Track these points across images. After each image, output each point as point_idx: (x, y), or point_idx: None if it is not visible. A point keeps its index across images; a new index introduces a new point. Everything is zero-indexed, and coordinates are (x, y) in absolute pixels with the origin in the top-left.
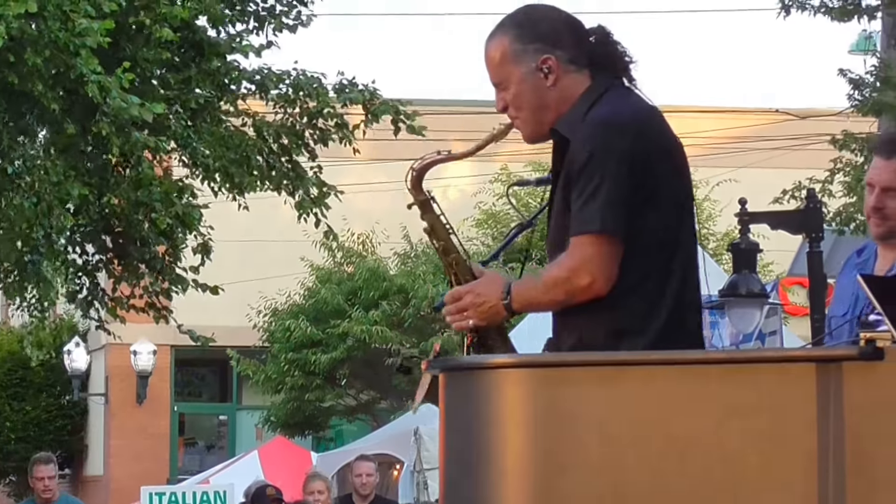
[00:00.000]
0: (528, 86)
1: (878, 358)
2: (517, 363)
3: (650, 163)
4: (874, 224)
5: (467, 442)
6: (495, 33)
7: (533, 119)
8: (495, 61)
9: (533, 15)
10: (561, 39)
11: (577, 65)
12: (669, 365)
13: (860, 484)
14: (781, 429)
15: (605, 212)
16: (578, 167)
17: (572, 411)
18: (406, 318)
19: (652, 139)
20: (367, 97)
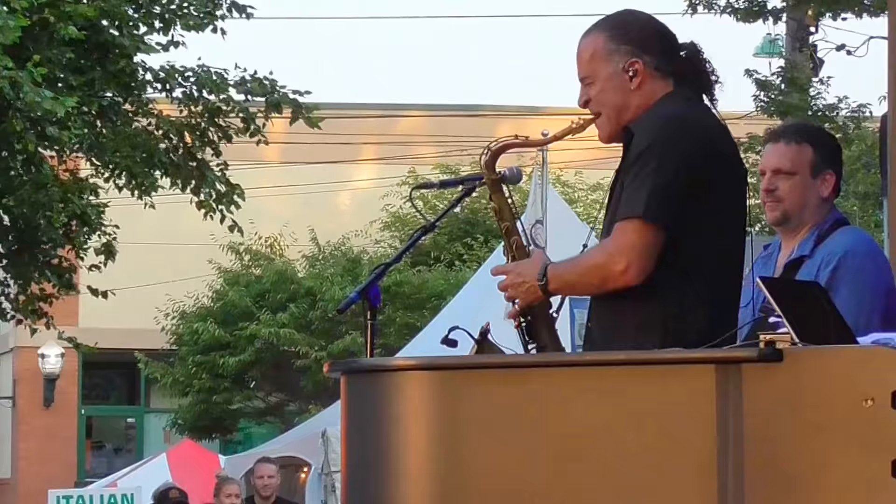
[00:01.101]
0: (612, 84)
1: (778, 360)
2: (418, 365)
3: (707, 165)
4: (769, 209)
5: (369, 443)
6: (591, 30)
7: (614, 117)
8: (585, 57)
9: (629, 18)
10: (651, 46)
11: (662, 72)
12: (569, 366)
13: (759, 486)
14: (681, 430)
15: (652, 199)
16: (636, 154)
17: (473, 412)
18: (314, 321)
19: (713, 144)
20: (268, 89)
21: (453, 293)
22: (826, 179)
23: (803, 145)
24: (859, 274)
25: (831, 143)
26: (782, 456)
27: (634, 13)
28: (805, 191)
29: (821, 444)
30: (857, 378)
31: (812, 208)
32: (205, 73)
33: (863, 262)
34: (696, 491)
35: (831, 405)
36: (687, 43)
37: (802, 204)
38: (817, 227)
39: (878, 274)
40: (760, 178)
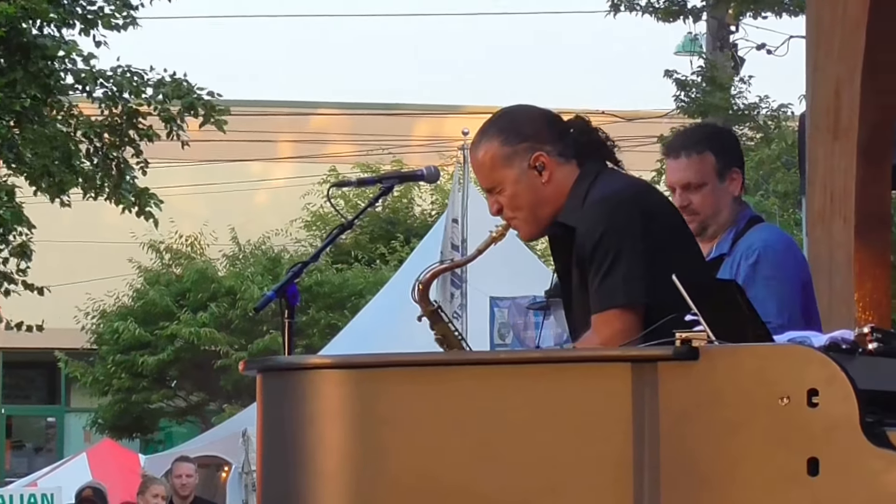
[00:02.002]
0: (523, 186)
1: (693, 358)
2: (334, 363)
3: (656, 229)
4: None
5: (285, 442)
6: (481, 141)
7: (532, 217)
8: (486, 167)
9: (514, 116)
10: (547, 135)
11: (565, 157)
12: (485, 365)
13: (675, 483)
14: (597, 428)
15: (626, 284)
16: (592, 246)
17: (389, 410)
18: (234, 320)
19: (656, 207)
20: (184, 91)
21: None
22: (733, 178)
23: (704, 154)
24: (778, 268)
25: (728, 139)
26: (698, 453)
27: (518, 108)
28: (717, 197)
29: (737, 441)
30: (772, 376)
31: (727, 211)
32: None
33: (781, 257)
34: (612, 488)
35: (747, 403)
36: (573, 119)
37: (717, 210)
38: (734, 226)
39: (795, 267)
40: (672, 194)
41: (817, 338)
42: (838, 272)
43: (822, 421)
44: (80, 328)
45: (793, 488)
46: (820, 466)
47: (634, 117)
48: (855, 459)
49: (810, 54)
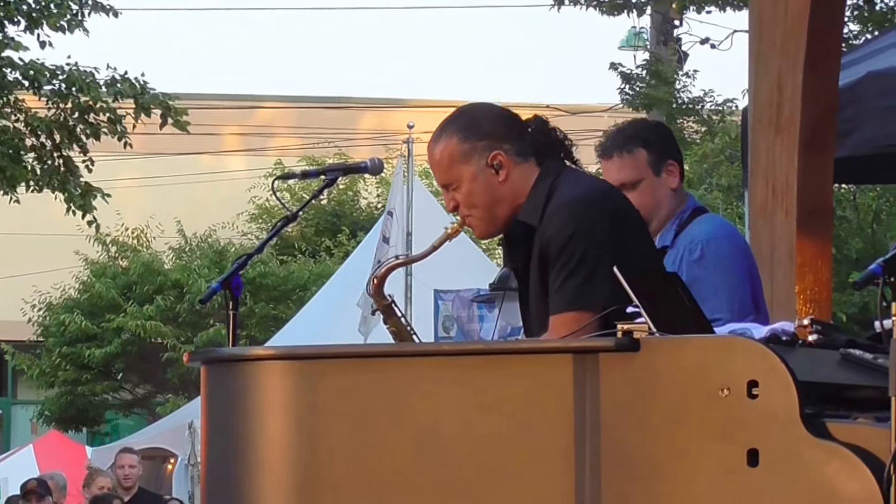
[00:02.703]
0: (480, 184)
1: (635, 350)
2: (277, 354)
3: (621, 229)
4: None
5: (229, 433)
6: (440, 137)
7: (487, 215)
8: (444, 164)
9: (474, 114)
10: (505, 133)
11: (523, 156)
12: (427, 356)
13: (615, 473)
14: (539, 419)
15: (587, 289)
16: (559, 248)
17: (332, 402)
18: (181, 313)
19: (622, 211)
20: (138, 91)
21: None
22: (670, 171)
23: (636, 151)
24: (725, 259)
25: (660, 132)
26: (639, 444)
27: (477, 106)
28: (655, 191)
29: (677, 432)
30: (713, 368)
31: (667, 203)
32: (75, 71)
33: (724, 248)
34: (554, 478)
35: (687, 394)
36: (532, 118)
37: (656, 204)
38: (676, 217)
39: (741, 257)
40: None
41: (758, 330)
42: (780, 265)
43: (761, 412)
44: (26, 320)
45: (733, 479)
46: (760, 458)
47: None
48: (794, 451)
49: (753, 48)
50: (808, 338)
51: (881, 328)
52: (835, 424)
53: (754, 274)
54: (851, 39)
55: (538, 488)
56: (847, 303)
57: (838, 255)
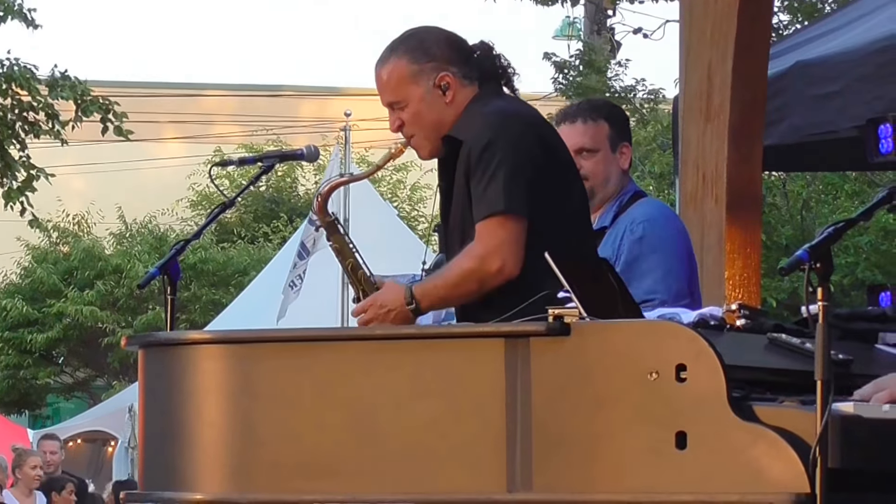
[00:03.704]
0: (426, 104)
1: (565, 334)
2: (213, 339)
3: (543, 152)
4: None
5: (165, 416)
6: (389, 56)
7: (433, 135)
8: (392, 83)
9: (422, 36)
10: (452, 56)
11: (469, 79)
12: (361, 340)
13: (547, 455)
14: (471, 401)
15: (507, 192)
16: (477, 154)
17: (267, 385)
18: (121, 298)
19: (544, 130)
20: (79, 93)
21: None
22: (623, 152)
23: (600, 122)
24: (665, 241)
25: (622, 116)
26: (569, 426)
27: (426, 29)
28: (607, 165)
29: (607, 415)
30: (642, 352)
31: (614, 181)
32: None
33: (665, 230)
34: (486, 460)
35: (617, 378)
36: (478, 43)
37: (606, 178)
38: (617, 198)
39: (680, 240)
40: None
41: (686, 315)
42: (710, 251)
43: (689, 395)
44: None
45: (661, 461)
46: (688, 440)
47: None
48: (722, 433)
49: (683, 38)
50: (736, 322)
51: (807, 313)
52: (761, 408)
53: (692, 258)
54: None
55: (471, 469)
56: (777, 288)
57: (768, 241)
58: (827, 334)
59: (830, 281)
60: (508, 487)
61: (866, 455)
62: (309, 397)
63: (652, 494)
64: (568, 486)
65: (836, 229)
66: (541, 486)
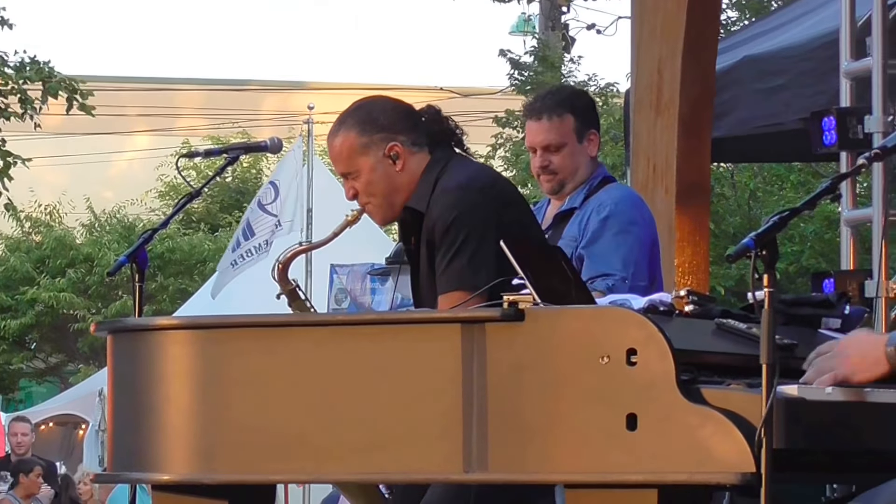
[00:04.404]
0: (378, 174)
1: (520, 319)
2: (180, 324)
3: (506, 216)
4: (545, 181)
5: (134, 399)
6: (338, 130)
7: (386, 203)
8: (343, 155)
9: (370, 107)
10: (401, 125)
11: (418, 145)
12: (325, 326)
13: (502, 437)
14: (429, 384)
15: (472, 269)
16: (443, 230)
17: (232, 369)
18: (91, 285)
19: (506, 196)
20: (45, 75)
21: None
22: (591, 140)
23: (564, 116)
24: (628, 224)
25: (586, 102)
26: (524, 409)
27: (374, 100)
28: (575, 157)
29: (560, 398)
30: (594, 336)
31: (584, 169)
32: None
33: (631, 214)
34: (444, 441)
35: (570, 362)
36: (425, 108)
37: (575, 169)
38: (587, 182)
39: (645, 225)
40: (531, 154)
41: (636, 300)
42: (661, 239)
43: (640, 379)
44: None
45: (613, 442)
46: (638, 422)
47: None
48: (671, 415)
49: (634, 34)
50: (685, 308)
51: (753, 299)
52: (709, 390)
53: (655, 245)
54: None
55: (429, 450)
56: (725, 276)
57: (717, 230)
58: (772, 319)
59: (776, 268)
60: (465, 467)
61: (810, 436)
62: (273, 381)
63: (603, 474)
64: (522, 466)
65: (780, 218)
66: (496, 466)
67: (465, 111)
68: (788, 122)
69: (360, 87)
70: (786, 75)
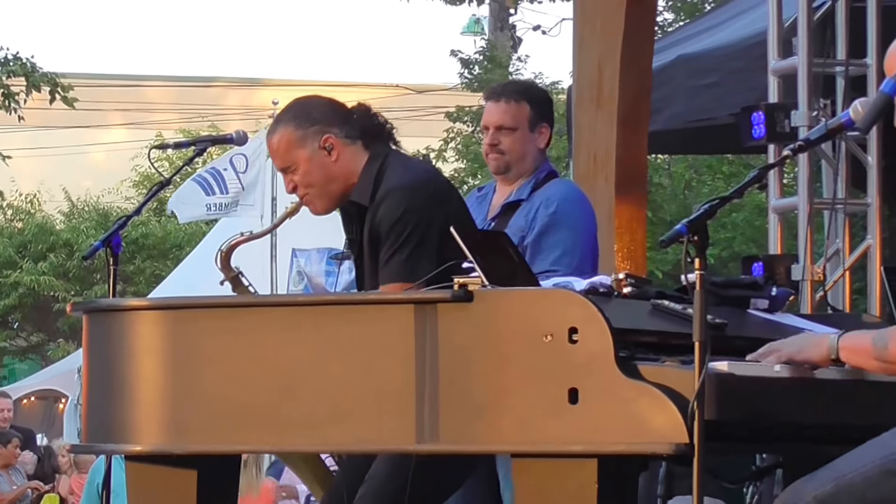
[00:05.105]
0: (314, 164)
1: (469, 300)
2: (149, 305)
3: (444, 210)
4: (492, 160)
5: (107, 375)
6: (276, 127)
7: (323, 192)
8: (281, 150)
9: (304, 104)
10: (333, 119)
11: (351, 138)
12: (286, 306)
13: (452, 411)
14: (384, 362)
15: (411, 262)
16: (388, 226)
17: (198, 347)
18: (71, 269)
19: (446, 194)
20: (28, 70)
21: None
22: (542, 132)
23: (521, 103)
24: (574, 218)
25: (545, 98)
26: (473, 384)
27: (308, 98)
28: (525, 143)
29: (506, 373)
30: (538, 316)
31: (531, 158)
32: None
33: (577, 208)
34: (397, 415)
35: (515, 340)
36: (356, 105)
37: (523, 155)
38: (534, 175)
39: (587, 219)
40: (483, 133)
41: (578, 283)
42: (601, 226)
43: (581, 355)
44: None
45: (556, 414)
46: (579, 396)
47: (424, 90)
48: (609, 389)
49: (576, 34)
50: (623, 290)
51: (686, 282)
52: (645, 366)
53: (595, 237)
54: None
55: (384, 424)
56: (662, 260)
57: (654, 218)
58: (704, 300)
59: (708, 253)
60: (417, 439)
61: (739, 409)
62: (237, 358)
63: (547, 445)
64: (471, 437)
65: (711, 206)
66: (446, 438)
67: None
68: (720, 116)
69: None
70: (718, 73)
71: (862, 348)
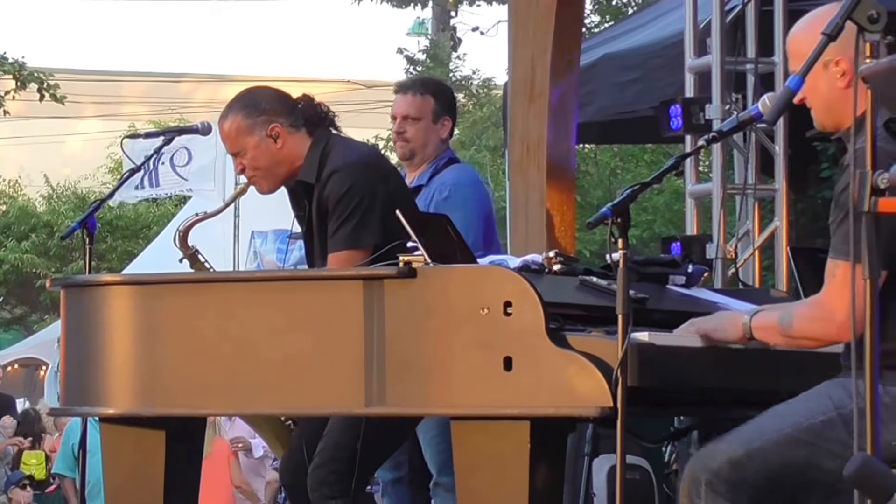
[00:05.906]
0: (261, 150)
1: (413, 276)
2: (122, 280)
3: (384, 183)
4: (399, 147)
5: (82, 345)
6: (227, 115)
7: (269, 174)
8: (232, 136)
9: (254, 95)
10: (280, 110)
11: (296, 127)
12: (245, 282)
13: (399, 379)
14: (335, 334)
15: (357, 232)
16: (335, 200)
17: (165, 319)
18: (51, 248)
19: (386, 171)
20: (17, 69)
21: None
22: (444, 124)
23: (426, 96)
24: (467, 202)
25: (448, 94)
26: (417, 354)
27: (257, 89)
28: (428, 133)
29: (447, 344)
30: (476, 291)
31: (433, 147)
32: None
33: (469, 192)
34: (348, 380)
35: (455, 313)
36: (301, 96)
37: (425, 143)
38: (434, 162)
39: (478, 201)
40: (392, 122)
41: (512, 260)
42: (533, 209)
43: (514, 327)
44: None
45: (492, 381)
46: (513, 363)
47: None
48: (541, 358)
49: (511, 35)
50: (553, 267)
51: (611, 260)
52: (574, 337)
53: (489, 219)
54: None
55: (336, 390)
56: (590, 241)
57: (582, 202)
58: (626, 277)
59: (630, 234)
60: (366, 402)
61: (659, 376)
62: (201, 329)
63: (484, 408)
64: (415, 401)
65: (632, 191)
66: (393, 401)
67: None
68: (642, 109)
69: (280, 79)
70: (639, 70)
71: (770, 326)
